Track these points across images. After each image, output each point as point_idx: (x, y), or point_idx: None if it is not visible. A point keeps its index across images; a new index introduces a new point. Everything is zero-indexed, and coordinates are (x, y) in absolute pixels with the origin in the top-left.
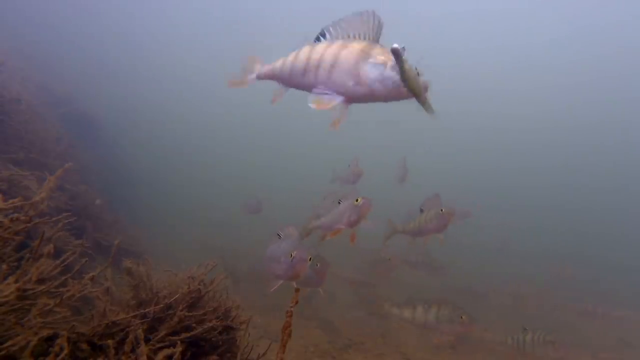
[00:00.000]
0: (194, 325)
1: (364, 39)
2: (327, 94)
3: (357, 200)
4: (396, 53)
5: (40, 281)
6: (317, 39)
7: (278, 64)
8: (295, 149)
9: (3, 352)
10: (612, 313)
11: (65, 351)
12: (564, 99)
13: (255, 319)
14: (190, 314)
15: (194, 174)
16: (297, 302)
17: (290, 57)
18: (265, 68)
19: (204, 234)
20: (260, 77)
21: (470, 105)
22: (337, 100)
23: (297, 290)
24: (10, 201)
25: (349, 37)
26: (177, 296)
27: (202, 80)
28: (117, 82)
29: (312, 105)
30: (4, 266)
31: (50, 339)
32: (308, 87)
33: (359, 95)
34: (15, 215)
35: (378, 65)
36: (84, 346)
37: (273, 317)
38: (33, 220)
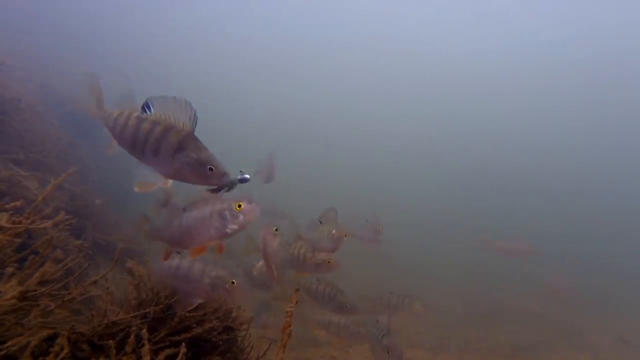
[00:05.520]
0: (194, 325)
1: (183, 124)
2: (151, 173)
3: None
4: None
5: (42, 283)
6: (143, 109)
7: (111, 120)
8: (300, 152)
9: (3, 352)
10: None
11: (66, 351)
12: (561, 99)
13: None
14: (191, 314)
15: None
16: (296, 303)
17: (121, 120)
18: (101, 112)
19: None
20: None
21: (466, 107)
22: (159, 183)
23: (296, 290)
24: (12, 204)
25: (170, 117)
26: (177, 297)
27: (202, 80)
28: (117, 81)
29: (136, 189)
30: (9, 269)
31: (50, 339)
32: (133, 155)
33: (176, 178)
34: (18, 217)
35: (189, 158)
36: (84, 346)
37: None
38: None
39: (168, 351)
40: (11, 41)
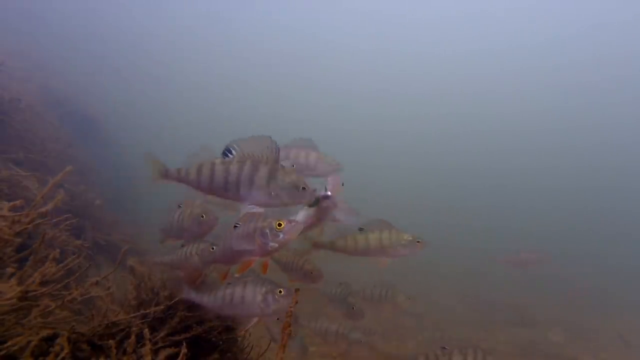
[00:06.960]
0: (194, 325)
1: (267, 159)
2: (253, 208)
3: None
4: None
5: (43, 283)
6: (224, 154)
7: (192, 174)
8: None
9: (3, 352)
10: None
11: (66, 351)
12: (561, 99)
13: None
14: (191, 314)
15: None
16: (297, 302)
17: (205, 171)
18: (176, 173)
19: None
20: (173, 180)
21: (467, 107)
22: (262, 211)
23: (296, 290)
24: (12, 204)
25: (254, 155)
26: (179, 298)
27: (202, 80)
28: (117, 82)
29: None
30: (9, 269)
31: (50, 339)
32: (227, 197)
33: (274, 205)
34: (17, 216)
35: (285, 185)
36: (84, 346)
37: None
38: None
39: (168, 350)
40: (11, 41)
